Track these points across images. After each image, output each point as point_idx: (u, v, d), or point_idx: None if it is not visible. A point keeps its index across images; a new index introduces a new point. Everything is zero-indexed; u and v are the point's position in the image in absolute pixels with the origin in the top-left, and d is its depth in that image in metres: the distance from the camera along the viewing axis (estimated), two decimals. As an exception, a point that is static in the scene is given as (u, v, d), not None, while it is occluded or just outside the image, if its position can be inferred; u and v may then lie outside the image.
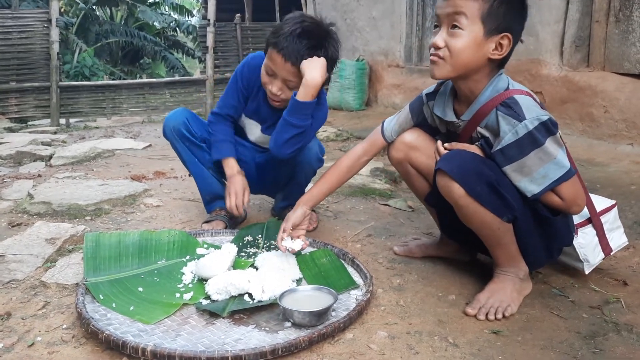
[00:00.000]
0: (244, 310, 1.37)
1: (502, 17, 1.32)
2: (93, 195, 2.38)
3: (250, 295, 1.41)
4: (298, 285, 1.49)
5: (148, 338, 1.23)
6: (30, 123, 6.02)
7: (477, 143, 1.43)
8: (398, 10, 5.66)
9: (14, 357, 1.19)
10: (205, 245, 1.76)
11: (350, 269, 1.62)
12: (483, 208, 1.34)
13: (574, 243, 1.51)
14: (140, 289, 1.46)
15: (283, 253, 1.59)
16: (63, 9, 13.70)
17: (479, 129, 1.41)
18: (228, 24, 6.82)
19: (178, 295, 1.45)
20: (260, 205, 2.39)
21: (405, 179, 1.72)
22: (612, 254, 1.60)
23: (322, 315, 1.30)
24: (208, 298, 1.43)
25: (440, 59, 1.36)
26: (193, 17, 18.70)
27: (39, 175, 2.95)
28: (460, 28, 1.32)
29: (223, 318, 1.34)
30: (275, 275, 1.49)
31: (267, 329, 1.29)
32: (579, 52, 3.71)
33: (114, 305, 1.37)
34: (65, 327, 1.32)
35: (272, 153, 1.88)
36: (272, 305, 1.38)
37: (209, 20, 6.47)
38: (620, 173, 2.94)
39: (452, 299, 1.48)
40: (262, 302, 1.38)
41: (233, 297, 1.42)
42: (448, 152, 1.41)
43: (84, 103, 6.22)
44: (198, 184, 2.05)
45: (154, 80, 7.01)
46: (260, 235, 1.88)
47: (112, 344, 1.17)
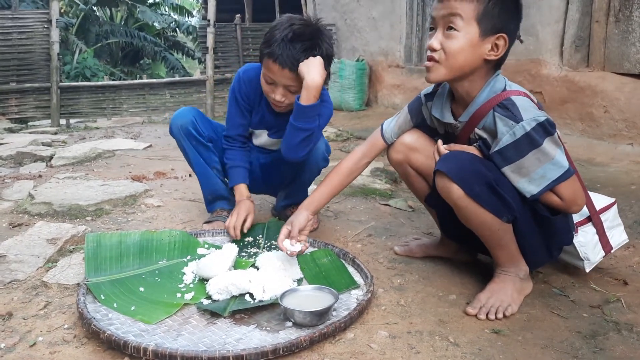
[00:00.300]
0: (245, 310, 1.37)
1: (497, 17, 1.32)
2: (94, 196, 2.39)
3: (251, 295, 1.42)
4: (299, 285, 1.49)
5: (149, 338, 1.24)
6: (31, 124, 6.03)
7: (475, 144, 1.43)
8: (398, 11, 5.67)
9: (16, 357, 1.19)
10: (206, 246, 1.77)
11: (351, 269, 1.62)
12: (482, 209, 1.34)
13: (574, 242, 1.51)
14: (142, 289, 1.47)
15: (284, 253, 1.59)
16: (63, 10, 13.71)
17: (477, 131, 1.42)
18: (228, 25, 6.82)
19: (179, 295, 1.45)
20: (261, 205, 2.40)
21: (405, 180, 1.72)
22: (612, 252, 1.60)
23: (323, 315, 1.30)
24: (209, 298, 1.43)
25: (436, 62, 1.36)
26: (193, 17, 18.73)
27: (40, 176, 2.96)
28: (456, 29, 1.32)
29: (224, 318, 1.34)
30: (276, 275, 1.49)
31: (268, 329, 1.29)
32: (579, 52, 3.71)
33: (115, 305, 1.37)
34: (67, 327, 1.32)
35: (277, 154, 1.89)
36: (273, 305, 1.39)
37: (209, 21, 6.46)
38: (620, 173, 2.95)
39: (452, 299, 1.48)
40: (263, 302, 1.39)
41: (234, 297, 1.43)
42: (447, 153, 1.41)
43: (84, 104, 6.22)
44: (201, 183, 2.05)
45: (154, 81, 7.00)
46: (261, 236, 1.88)
47: (113, 344, 1.18)
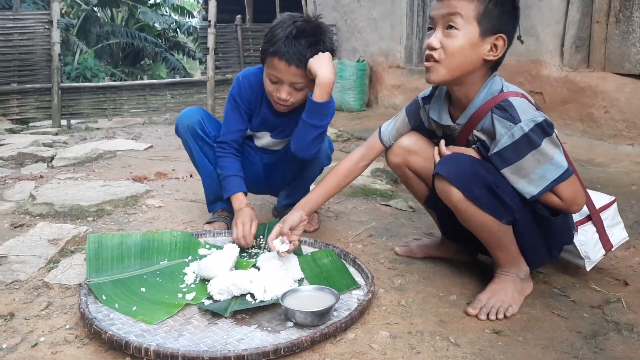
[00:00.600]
0: (246, 310, 1.37)
1: (496, 18, 1.32)
2: (95, 196, 2.39)
3: (252, 296, 1.42)
4: (300, 286, 1.50)
5: (151, 338, 1.24)
6: (32, 124, 6.03)
7: (473, 146, 1.43)
8: (398, 12, 5.67)
9: (18, 357, 1.19)
10: (207, 246, 1.77)
11: (352, 269, 1.63)
12: (482, 211, 1.34)
13: (575, 241, 1.52)
14: (143, 290, 1.47)
15: (288, 252, 1.59)
16: (64, 11, 13.71)
17: (475, 132, 1.42)
18: (229, 25, 6.82)
19: (180, 296, 1.45)
20: (262, 206, 2.40)
21: (404, 183, 1.72)
22: (613, 250, 1.60)
23: (324, 315, 1.31)
24: (210, 298, 1.43)
25: (435, 62, 1.36)
26: (193, 18, 18.73)
27: (41, 177, 2.96)
28: (456, 28, 1.32)
29: (225, 318, 1.34)
30: (277, 276, 1.49)
31: (269, 329, 1.29)
32: (579, 52, 3.71)
33: (117, 306, 1.37)
34: (68, 327, 1.32)
35: (280, 154, 1.90)
36: (274, 305, 1.39)
37: (210, 22, 6.46)
38: (621, 173, 2.95)
39: (453, 299, 1.49)
40: (264, 302, 1.39)
41: (235, 297, 1.43)
42: (446, 156, 1.41)
43: (85, 104, 6.21)
44: (204, 183, 2.06)
45: (155, 82, 7.00)
46: (262, 236, 1.88)
47: (115, 344, 1.18)
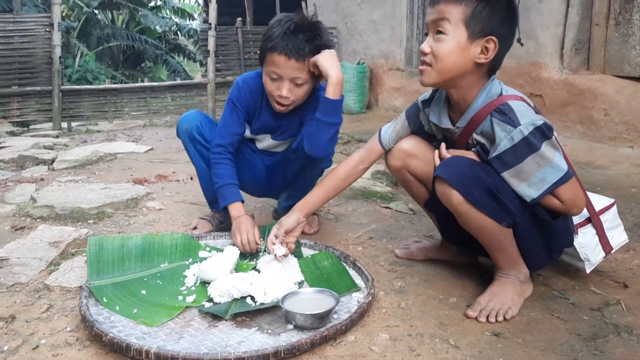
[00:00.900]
0: (247, 313, 1.38)
1: (486, 20, 1.32)
2: (96, 199, 2.40)
3: (253, 298, 1.42)
4: (300, 288, 1.50)
5: (151, 340, 1.25)
6: (32, 127, 6.03)
7: (473, 149, 1.44)
8: (398, 14, 5.69)
9: (19, 359, 1.20)
10: (208, 249, 1.78)
11: (352, 272, 1.63)
12: (482, 214, 1.35)
13: (574, 243, 1.52)
14: (144, 292, 1.47)
15: (285, 256, 1.60)
16: (65, 13, 13.74)
17: (475, 136, 1.42)
18: (229, 28, 6.84)
19: (181, 298, 1.46)
20: (262, 208, 2.40)
21: (404, 186, 1.73)
22: (612, 252, 1.60)
23: (324, 318, 1.31)
24: (211, 301, 1.44)
25: (428, 66, 1.38)
26: (194, 20, 18.76)
27: (42, 179, 2.96)
28: (444, 33, 1.34)
29: (226, 320, 1.35)
30: (277, 278, 1.50)
31: (269, 332, 1.30)
32: (579, 55, 3.72)
33: (118, 308, 1.38)
34: (69, 329, 1.33)
35: (282, 155, 1.91)
36: (274, 308, 1.39)
37: (210, 24, 6.48)
38: (621, 176, 2.95)
39: (453, 302, 1.49)
40: (264, 304, 1.39)
41: (235, 299, 1.43)
42: (446, 158, 1.41)
43: (86, 107, 6.22)
44: (202, 186, 2.08)
45: (156, 84, 7.00)
46: (262, 238, 1.88)
47: (115, 347, 1.18)
